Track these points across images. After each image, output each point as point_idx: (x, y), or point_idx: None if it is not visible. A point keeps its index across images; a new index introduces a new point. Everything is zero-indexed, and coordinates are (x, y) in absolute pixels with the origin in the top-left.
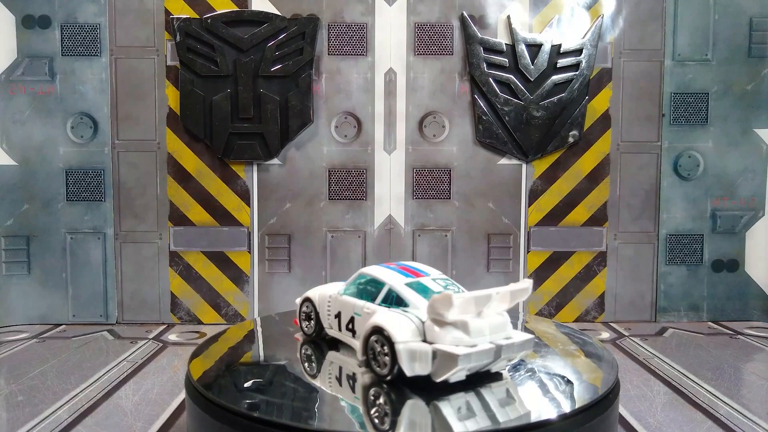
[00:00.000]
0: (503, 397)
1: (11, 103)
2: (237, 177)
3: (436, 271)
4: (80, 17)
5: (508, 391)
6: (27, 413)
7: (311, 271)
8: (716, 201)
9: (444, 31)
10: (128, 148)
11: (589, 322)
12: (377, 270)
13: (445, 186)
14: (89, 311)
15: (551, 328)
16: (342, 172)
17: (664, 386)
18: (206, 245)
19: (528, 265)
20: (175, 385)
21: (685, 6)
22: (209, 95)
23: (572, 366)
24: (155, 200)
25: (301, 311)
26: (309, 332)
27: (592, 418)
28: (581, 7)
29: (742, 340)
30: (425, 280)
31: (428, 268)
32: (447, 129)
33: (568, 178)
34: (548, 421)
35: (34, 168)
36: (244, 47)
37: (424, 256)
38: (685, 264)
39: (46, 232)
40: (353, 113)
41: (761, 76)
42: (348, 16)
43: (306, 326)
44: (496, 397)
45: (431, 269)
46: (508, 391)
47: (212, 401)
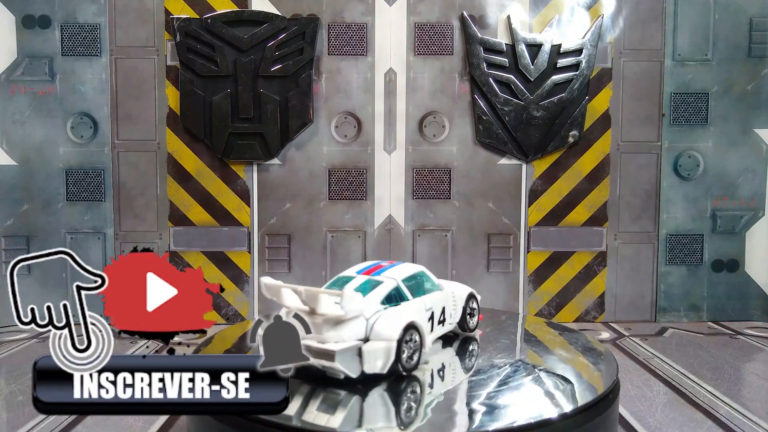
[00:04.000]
0: (503, 397)
1: (11, 103)
2: (237, 177)
3: (412, 268)
4: (80, 17)
5: (508, 391)
6: (27, 413)
7: (311, 271)
8: (716, 201)
9: (444, 31)
10: (128, 148)
11: (589, 322)
12: (349, 270)
13: (445, 186)
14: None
15: (551, 328)
16: (342, 172)
17: (664, 386)
18: (206, 245)
19: (528, 265)
20: None
21: (685, 6)
22: (209, 95)
23: (572, 366)
24: (155, 200)
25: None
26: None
27: (592, 418)
28: (581, 7)
29: (742, 340)
30: (355, 276)
31: (405, 265)
32: (447, 129)
33: (568, 178)
34: (548, 421)
35: (34, 168)
36: (244, 47)
37: (424, 256)
38: (685, 264)
39: (46, 232)
40: (353, 113)
41: (761, 76)
42: (348, 16)
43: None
44: (497, 397)
45: (403, 266)
46: (509, 391)
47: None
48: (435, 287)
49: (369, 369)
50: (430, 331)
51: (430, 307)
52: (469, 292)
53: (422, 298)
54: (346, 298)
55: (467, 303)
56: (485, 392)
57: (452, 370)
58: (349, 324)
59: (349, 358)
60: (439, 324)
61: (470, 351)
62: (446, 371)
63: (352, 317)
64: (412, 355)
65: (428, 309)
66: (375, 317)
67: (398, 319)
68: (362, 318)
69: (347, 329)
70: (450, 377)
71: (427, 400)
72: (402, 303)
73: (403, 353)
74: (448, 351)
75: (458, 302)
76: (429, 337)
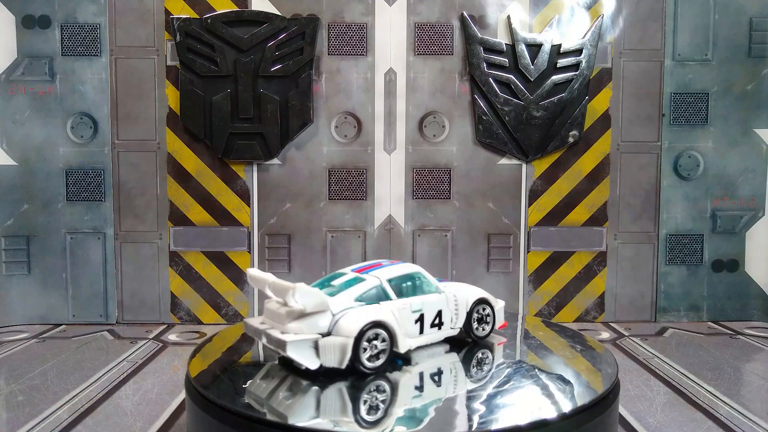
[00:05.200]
0: (503, 397)
1: (11, 103)
2: (237, 177)
3: (406, 268)
4: (80, 17)
5: (508, 391)
6: (27, 413)
7: (311, 271)
8: (716, 201)
9: (444, 31)
10: (128, 148)
11: (589, 322)
12: (349, 267)
13: (445, 186)
14: (89, 311)
15: (551, 328)
16: (342, 172)
17: (664, 386)
18: (206, 245)
19: (528, 265)
20: (175, 385)
21: (685, 6)
22: (209, 95)
23: (572, 366)
24: (155, 200)
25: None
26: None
27: (592, 418)
28: (581, 7)
29: (742, 340)
30: (347, 273)
31: (400, 265)
32: (447, 129)
33: (568, 178)
34: (548, 421)
35: (34, 168)
36: (244, 47)
37: (424, 256)
38: (685, 264)
39: (46, 232)
40: (353, 113)
41: (761, 76)
42: (348, 16)
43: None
44: (497, 398)
45: (397, 266)
46: (509, 391)
47: (212, 401)
48: (431, 289)
49: (326, 363)
50: (419, 333)
51: (419, 309)
52: (478, 297)
53: (409, 299)
54: (298, 292)
55: (474, 308)
56: (485, 393)
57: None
58: (313, 318)
59: (305, 351)
60: (434, 327)
61: (477, 358)
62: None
63: (317, 311)
64: (379, 354)
65: (416, 311)
66: (342, 313)
67: (361, 318)
68: (329, 313)
69: (309, 322)
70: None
71: (403, 401)
72: (382, 302)
73: (365, 351)
74: (450, 356)
75: (461, 307)
76: (411, 340)
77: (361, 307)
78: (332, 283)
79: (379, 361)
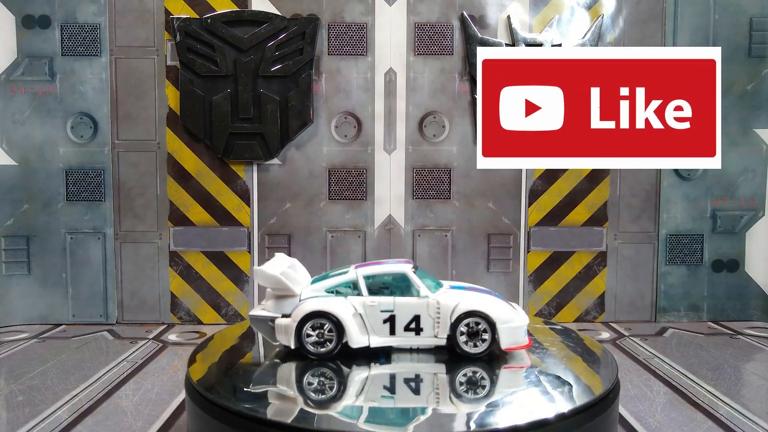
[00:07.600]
0: (504, 397)
1: (11, 103)
2: (237, 177)
3: (393, 267)
4: (80, 17)
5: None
6: (27, 413)
7: (311, 271)
8: (716, 201)
9: (444, 31)
10: (128, 148)
11: (589, 322)
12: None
13: (445, 186)
14: (89, 311)
15: (551, 328)
16: (342, 172)
17: (664, 386)
18: (206, 245)
19: (528, 265)
20: (175, 385)
21: (685, 6)
22: (209, 95)
23: (572, 366)
24: (155, 200)
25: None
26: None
27: (592, 418)
28: (581, 7)
29: (742, 340)
30: (348, 268)
31: (388, 265)
32: (447, 129)
33: (568, 178)
34: (548, 421)
35: (34, 168)
36: (244, 47)
37: (424, 256)
38: (685, 264)
39: (46, 232)
40: (353, 113)
41: (761, 76)
42: (348, 16)
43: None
44: (496, 398)
45: (385, 265)
46: (509, 391)
47: (212, 401)
48: (413, 292)
49: (281, 341)
50: (389, 334)
51: (389, 310)
52: (468, 309)
53: (378, 298)
54: (256, 274)
55: (462, 320)
56: (485, 393)
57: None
58: (283, 301)
59: (264, 327)
60: (409, 332)
61: (470, 376)
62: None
63: (289, 295)
64: (324, 342)
65: (385, 311)
66: (306, 300)
67: (309, 306)
68: (297, 298)
69: (278, 304)
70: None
71: (403, 401)
72: (350, 297)
73: (309, 337)
74: (434, 365)
75: (444, 316)
76: (375, 338)
77: (323, 297)
78: (328, 276)
79: (323, 348)
